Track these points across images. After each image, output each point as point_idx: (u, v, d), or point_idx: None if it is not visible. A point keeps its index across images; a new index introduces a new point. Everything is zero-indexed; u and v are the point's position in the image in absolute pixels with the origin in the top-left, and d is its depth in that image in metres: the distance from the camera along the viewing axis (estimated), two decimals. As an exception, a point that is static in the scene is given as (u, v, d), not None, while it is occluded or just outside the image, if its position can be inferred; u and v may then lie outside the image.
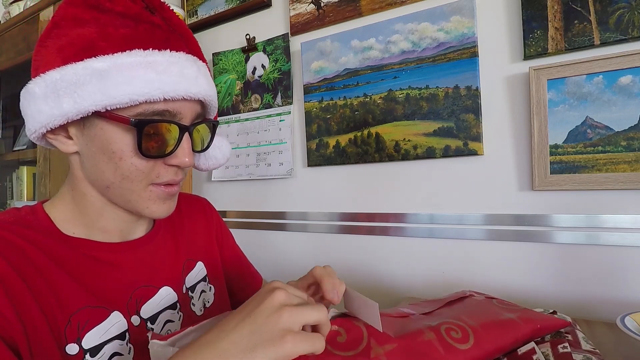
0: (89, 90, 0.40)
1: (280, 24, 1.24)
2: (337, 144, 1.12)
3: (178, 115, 0.44)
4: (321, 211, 1.17)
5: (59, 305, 0.41)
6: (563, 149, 0.83)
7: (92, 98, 0.40)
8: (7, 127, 1.68)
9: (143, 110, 0.42)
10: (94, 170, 0.45)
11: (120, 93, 0.40)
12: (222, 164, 0.60)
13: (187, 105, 0.45)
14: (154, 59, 0.42)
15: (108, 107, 0.40)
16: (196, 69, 0.46)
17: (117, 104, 0.40)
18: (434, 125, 0.97)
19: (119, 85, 0.40)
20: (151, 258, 0.53)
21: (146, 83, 0.41)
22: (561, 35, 0.82)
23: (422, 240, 1.01)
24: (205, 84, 0.46)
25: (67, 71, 0.41)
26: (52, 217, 0.47)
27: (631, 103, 0.77)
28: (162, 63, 0.42)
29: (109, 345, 0.43)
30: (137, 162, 0.43)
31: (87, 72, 0.40)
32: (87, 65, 0.40)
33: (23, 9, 1.43)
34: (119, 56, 0.41)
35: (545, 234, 0.86)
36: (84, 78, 0.40)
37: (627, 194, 0.79)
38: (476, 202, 0.94)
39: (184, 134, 0.45)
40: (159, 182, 0.46)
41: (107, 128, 0.43)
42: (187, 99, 0.44)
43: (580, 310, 0.83)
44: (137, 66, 0.41)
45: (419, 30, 0.98)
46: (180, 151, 0.45)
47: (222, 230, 0.69)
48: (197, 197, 0.70)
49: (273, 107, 1.25)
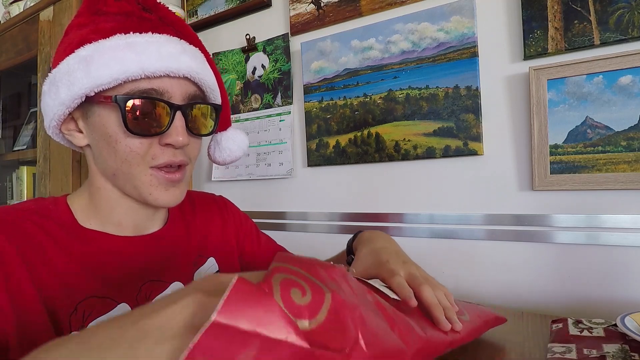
0: (78, 77, 0.43)
1: (280, 24, 1.24)
2: (337, 144, 1.12)
3: (165, 93, 0.45)
4: (321, 211, 1.17)
5: (67, 295, 0.43)
6: (563, 149, 0.83)
7: (80, 83, 0.43)
8: (7, 127, 1.68)
9: (129, 91, 0.44)
10: (101, 159, 0.48)
11: (102, 74, 0.43)
12: (238, 156, 0.61)
13: (174, 83, 0.46)
14: (134, 40, 0.44)
15: (95, 89, 0.43)
16: (180, 48, 0.47)
17: (101, 85, 0.43)
18: (434, 125, 0.97)
19: (100, 67, 0.43)
20: (163, 253, 0.54)
21: (125, 62, 0.43)
22: (561, 35, 0.83)
23: (422, 240, 1.01)
24: (190, 62, 0.47)
25: (62, 64, 0.45)
26: (72, 209, 0.49)
27: (631, 103, 0.77)
28: (142, 43, 0.44)
29: None
30: (131, 142, 0.45)
31: (76, 61, 0.44)
32: (76, 55, 0.44)
33: (23, 9, 1.43)
34: (102, 42, 0.44)
35: (545, 234, 0.86)
36: (73, 66, 0.44)
37: (627, 194, 0.79)
38: (476, 202, 0.94)
39: (175, 112, 0.46)
40: (156, 164, 0.46)
41: (102, 113, 0.45)
42: (172, 76, 0.46)
43: (580, 310, 0.83)
44: (117, 48, 0.43)
45: (419, 30, 0.98)
46: (174, 130, 0.46)
47: (244, 227, 0.70)
48: (214, 195, 0.72)
49: (273, 107, 1.25)
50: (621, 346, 0.54)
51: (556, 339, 0.60)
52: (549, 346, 0.58)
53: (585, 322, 0.65)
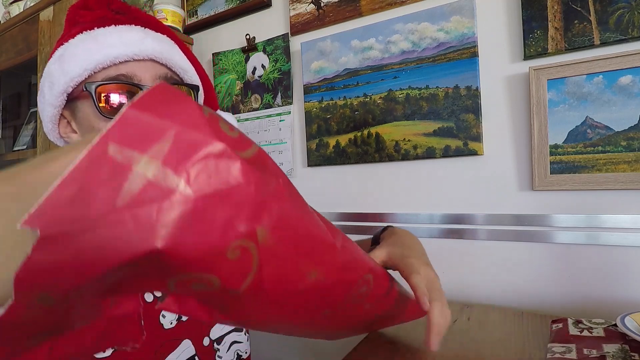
0: (55, 76, 0.47)
1: (280, 24, 1.24)
2: (337, 144, 1.12)
3: (134, 77, 0.47)
4: (321, 211, 1.17)
5: None
6: (563, 149, 0.83)
7: (58, 81, 0.47)
8: (7, 127, 1.68)
9: (101, 80, 0.47)
10: None
11: (72, 67, 0.46)
12: None
13: (141, 66, 0.48)
14: (97, 33, 0.48)
15: (70, 83, 0.47)
16: (142, 34, 0.49)
17: (74, 78, 0.46)
18: (434, 125, 0.97)
19: (70, 61, 0.46)
20: None
21: (91, 52, 0.46)
22: (561, 35, 0.83)
23: (422, 240, 1.01)
24: (154, 44, 0.49)
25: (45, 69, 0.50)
26: None
27: (631, 103, 0.77)
28: (104, 34, 0.48)
29: None
30: None
31: (53, 62, 0.49)
32: (53, 57, 0.49)
33: (23, 9, 1.43)
34: (71, 41, 0.48)
35: (545, 234, 0.86)
36: (51, 67, 0.48)
37: (627, 194, 0.79)
38: (476, 202, 0.94)
39: None
40: None
41: (83, 107, 0.48)
42: (138, 60, 0.48)
43: (580, 310, 0.83)
44: (82, 42, 0.47)
45: (419, 30, 0.98)
46: None
47: None
48: None
49: (273, 107, 1.25)
50: (621, 346, 0.54)
51: (556, 339, 0.60)
52: (549, 346, 0.58)
53: (585, 322, 0.65)
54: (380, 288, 0.45)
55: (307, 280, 0.33)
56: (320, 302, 0.37)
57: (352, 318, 0.45)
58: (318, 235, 0.33)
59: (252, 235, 0.25)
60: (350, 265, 0.38)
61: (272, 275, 0.28)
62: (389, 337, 0.69)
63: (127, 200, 0.19)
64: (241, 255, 0.25)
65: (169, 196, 0.20)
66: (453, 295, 0.96)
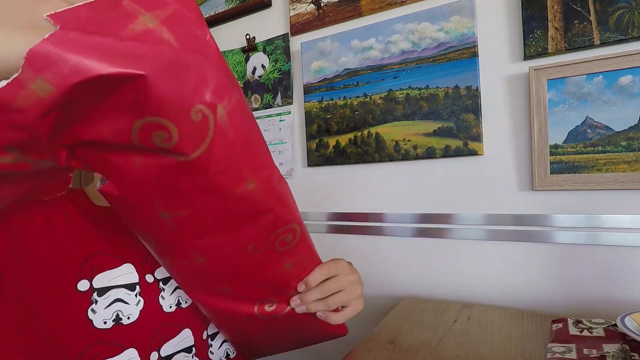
0: None
1: (280, 24, 1.24)
2: (337, 144, 1.12)
3: None
4: (321, 211, 1.17)
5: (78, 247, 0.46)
6: (563, 149, 0.83)
7: None
8: (7, 127, 1.68)
9: None
10: None
11: None
12: None
13: None
14: None
15: None
16: None
17: None
18: (434, 125, 0.97)
19: None
20: None
21: None
22: (561, 35, 0.83)
23: (422, 240, 1.01)
24: None
25: None
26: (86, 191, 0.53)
27: (631, 103, 0.77)
28: None
29: (114, 290, 0.47)
30: None
31: None
32: None
33: None
34: None
35: (545, 234, 0.86)
36: None
37: (627, 194, 0.79)
38: (476, 202, 0.94)
39: None
40: None
41: None
42: None
43: (580, 310, 0.83)
44: None
45: (419, 30, 0.98)
46: None
47: None
48: None
49: (273, 107, 1.25)
50: (621, 346, 0.54)
51: (556, 339, 0.60)
52: (549, 346, 0.58)
53: (585, 322, 0.65)
54: (304, 250, 0.46)
55: (245, 186, 0.34)
56: (250, 223, 0.38)
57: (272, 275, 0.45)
58: (263, 148, 0.36)
59: (213, 108, 0.29)
60: (284, 199, 0.40)
61: (218, 160, 0.31)
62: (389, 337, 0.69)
63: (130, 34, 0.25)
64: (201, 121, 0.29)
65: (161, 44, 0.26)
66: (453, 295, 0.96)
